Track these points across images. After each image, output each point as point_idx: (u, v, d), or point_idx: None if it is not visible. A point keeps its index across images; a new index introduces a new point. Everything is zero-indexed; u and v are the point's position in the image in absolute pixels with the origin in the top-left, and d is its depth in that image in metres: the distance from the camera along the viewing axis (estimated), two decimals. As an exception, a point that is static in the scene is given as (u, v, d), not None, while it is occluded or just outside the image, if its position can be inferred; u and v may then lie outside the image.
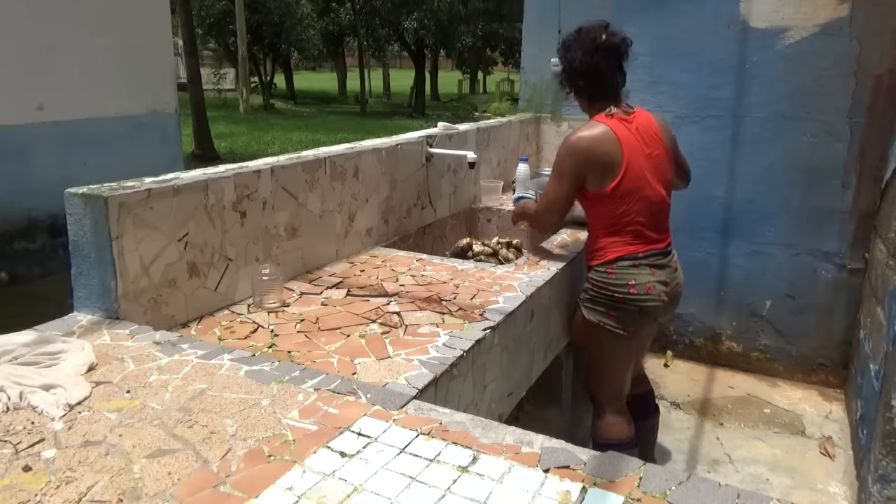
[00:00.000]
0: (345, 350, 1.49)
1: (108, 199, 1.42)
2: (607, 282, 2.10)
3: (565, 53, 2.15)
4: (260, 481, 0.96)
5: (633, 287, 2.07)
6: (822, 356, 3.34)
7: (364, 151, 2.24)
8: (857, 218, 3.14)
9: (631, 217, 2.07)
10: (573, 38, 2.14)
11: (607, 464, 1.02)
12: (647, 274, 2.08)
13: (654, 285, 2.09)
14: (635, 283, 2.07)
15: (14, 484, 0.94)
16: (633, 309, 2.09)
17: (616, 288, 2.08)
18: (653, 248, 2.10)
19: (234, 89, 22.04)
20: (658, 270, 2.11)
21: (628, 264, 2.08)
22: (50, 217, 4.91)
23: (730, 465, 2.74)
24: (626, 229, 2.08)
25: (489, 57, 27.49)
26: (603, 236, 2.12)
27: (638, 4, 3.37)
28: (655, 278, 2.09)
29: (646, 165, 2.08)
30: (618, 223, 2.08)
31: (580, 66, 2.11)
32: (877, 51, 2.97)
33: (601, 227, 2.12)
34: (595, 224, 2.15)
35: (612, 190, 2.04)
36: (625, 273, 2.08)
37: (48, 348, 1.30)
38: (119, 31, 5.32)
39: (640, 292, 2.07)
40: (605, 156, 2.04)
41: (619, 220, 2.08)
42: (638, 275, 2.08)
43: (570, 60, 2.14)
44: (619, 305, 2.10)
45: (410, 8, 22.18)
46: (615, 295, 2.09)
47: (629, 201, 2.06)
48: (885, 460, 2.07)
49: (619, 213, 2.07)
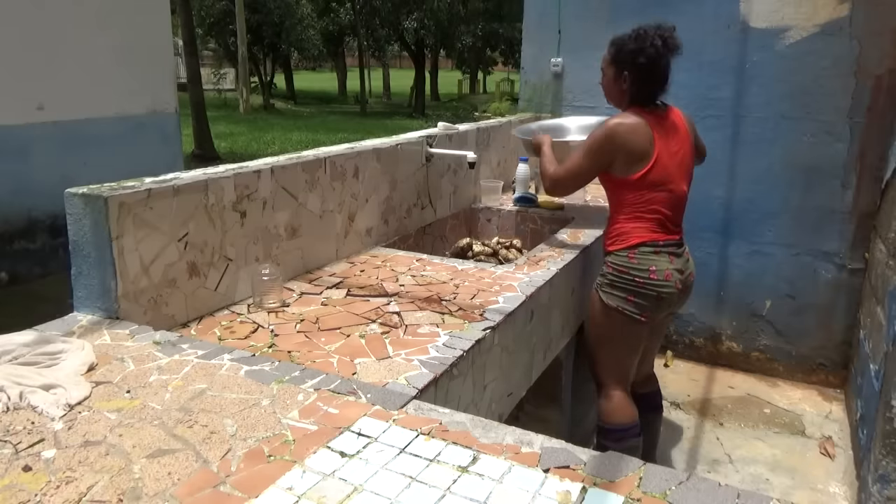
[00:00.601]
0: (345, 350, 1.49)
1: (108, 199, 1.42)
2: (629, 266, 2.15)
3: (636, 43, 2.11)
4: (260, 481, 0.96)
5: (654, 273, 2.13)
6: (822, 356, 3.34)
7: (364, 151, 2.24)
8: (857, 218, 3.14)
9: (655, 206, 2.14)
10: (647, 32, 2.11)
11: (607, 464, 1.02)
12: (666, 261, 2.15)
13: (671, 272, 2.15)
14: (656, 268, 2.13)
15: (14, 484, 0.94)
16: (651, 294, 2.15)
17: (637, 273, 2.14)
18: (671, 239, 2.18)
19: (234, 89, 22.04)
20: (675, 259, 2.18)
21: (650, 250, 2.14)
22: (50, 217, 4.91)
23: (730, 465, 2.74)
24: (648, 217, 2.14)
25: (489, 57, 27.49)
26: (626, 221, 2.17)
27: (637, 4, 3.37)
28: (673, 266, 2.16)
29: (674, 161, 2.15)
30: (641, 210, 2.14)
31: (645, 61, 2.10)
32: (877, 51, 2.97)
33: (625, 212, 2.17)
34: (619, 209, 2.20)
35: (640, 178, 2.11)
36: (646, 259, 2.14)
37: (48, 348, 1.30)
38: (119, 30, 5.32)
39: (659, 278, 2.14)
40: (638, 146, 2.10)
41: (643, 207, 2.14)
42: (658, 261, 2.14)
43: (636, 51, 2.11)
44: (639, 290, 2.15)
45: (410, 8, 22.18)
46: (636, 279, 2.14)
47: (654, 191, 2.13)
48: (885, 460, 2.07)
49: (644, 201, 2.13)
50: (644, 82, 2.13)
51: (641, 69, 2.11)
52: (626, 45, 2.13)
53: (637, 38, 2.12)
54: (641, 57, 2.09)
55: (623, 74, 2.15)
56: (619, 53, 2.16)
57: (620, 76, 2.17)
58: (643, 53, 2.09)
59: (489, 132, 3.16)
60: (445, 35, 23.38)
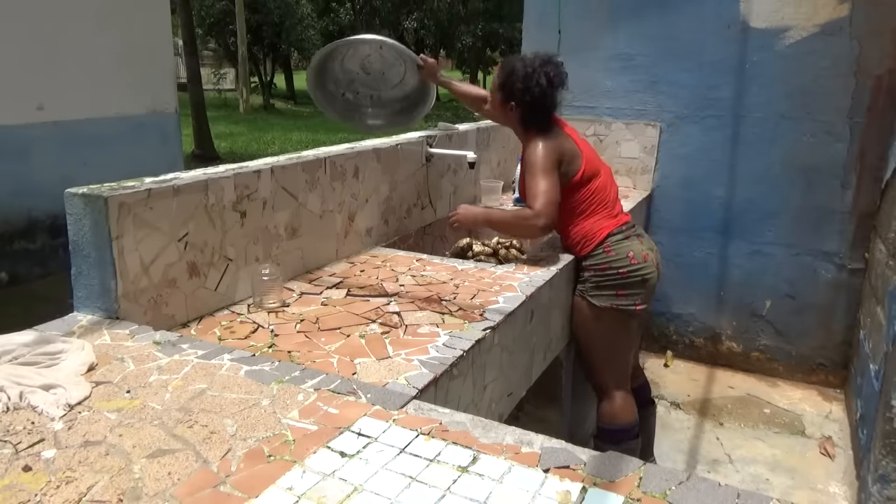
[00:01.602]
0: (345, 350, 1.49)
1: (108, 199, 1.42)
2: (609, 261, 2.20)
3: (524, 83, 2.18)
4: (260, 481, 0.96)
5: (633, 258, 2.20)
6: (822, 356, 3.34)
7: (364, 151, 2.24)
8: (857, 218, 3.14)
9: (598, 196, 2.23)
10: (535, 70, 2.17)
11: (607, 464, 1.02)
12: (637, 244, 2.24)
13: (647, 253, 2.24)
14: (633, 253, 2.20)
15: (14, 484, 0.94)
16: (637, 280, 2.20)
17: (619, 264, 2.19)
18: (627, 221, 2.28)
19: (234, 89, 22.03)
20: (642, 239, 2.27)
21: (620, 237, 2.22)
22: (50, 217, 4.91)
23: (730, 465, 2.74)
24: (600, 209, 2.24)
25: (489, 57, 27.46)
26: (583, 220, 2.24)
27: (637, 4, 3.37)
28: (644, 247, 2.24)
29: (589, 150, 2.28)
30: (591, 204, 2.23)
31: (531, 100, 2.18)
32: (877, 51, 2.97)
33: (576, 213, 2.24)
34: (570, 213, 2.24)
35: (580, 177, 2.20)
36: (620, 247, 2.21)
37: (48, 348, 1.30)
38: (119, 30, 5.32)
39: (639, 261, 2.20)
40: (570, 149, 2.22)
41: (590, 200, 2.23)
42: (631, 245, 2.22)
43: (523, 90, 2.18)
44: (625, 281, 2.19)
45: (410, 8, 22.19)
46: (620, 271, 2.19)
47: (594, 182, 2.23)
48: (885, 460, 2.07)
49: (588, 195, 2.22)
50: (532, 113, 2.22)
51: (526, 106, 2.21)
52: (514, 82, 2.20)
53: (525, 77, 2.18)
54: (527, 95, 2.19)
55: (510, 104, 2.24)
56: (504, 85, 2.24)
57: (507, 105, 2.25)
58: (529, 92, 2.18)
59: (489, 132, 3.16)
60: (445, 35, 23.37)
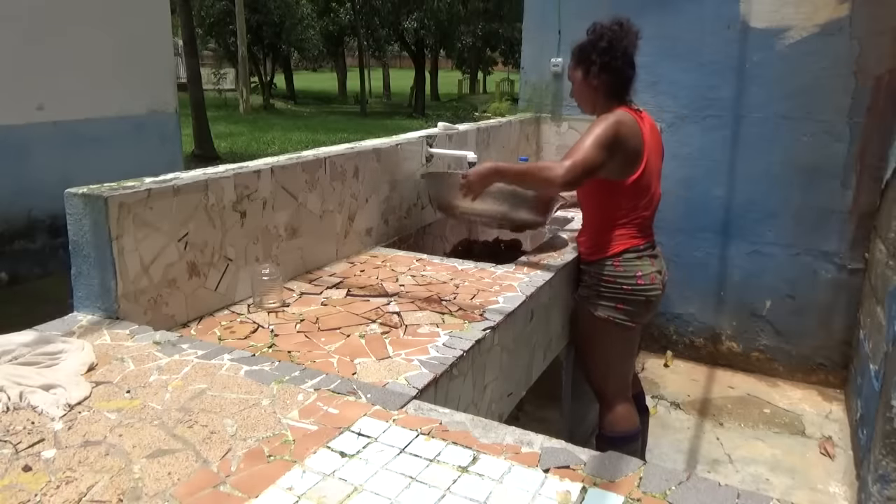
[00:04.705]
0: (345, 350, 1.49)
1: (108, 199, 1.42)
2: (615, 275, 2.13)
3: (594, 34, 2.07)
4: (260, 481, 0.96)
5: (640, 278, 2.12)
6: (822, 356, 3.34)
7: (364, 151, 2.24)
8: (857, 218, 3.14)
9: (639, 211, 2.12)
10: (602, 24, 2.07)
11: (607, 464, 1.02)
12: (649, 265, 2.15)
13: (655, 275, 2.16)
14: (642, 273, 2.12)
15: (14, 484, 0.94)
16: (640, 300, 2.14)
17: (625, 280, 2.13)
18: (649, 241, 2.18)
19: (234, 89, 22.02)
20: (654, 260, 2.18)
21: (633, 256, 2.13)
22: (50, 217, 4.90)
23: (730, 465, 2.74)
24: (633, 222, 2.13)
25: (489, 57, 27.48)
26: (612, 229, 2.13)
27: (637, 4, 3.37)
28: (654, 268, 2.16)
29: (655, 164, 2.14)
30: (628, 216, 2.11)
31: (606, 45, 2.04)
32: (877, 51, 2.97)
33: (611, 219, 2.12)
34: (604, 217, 2.14)
35: (633, 183, 2.07)
36: (631, 265, 2.12)
37: (48, 348, 1.30)
38: (119, 31, 5.32)
39: (646, 283, 2.13)
40: (633, 146, 2.05)
41: (629, 213, 2.11)
42: (642, 266, 2.13)
43: (595, 40, 2.06)
44: (627, 297, 2.14)
45: (410, 8, 22.18)
46: (624, 287, 2.13)
47: (642, 196, 2.11)
48: (885, 460, 2.07)
49: (631, 207, 2.11)
50: (612, 70, 2.06)
51: (604, 54, 2.04)
52: (585, 42, 2.10)
53: (594, 31, 2.08)
54: (602, 42, 2.04)
55: (591, 70, 2.08)
56: (581, 52, 2.11)
57: (588, 73, 2.09)
58: (602, 38, 2.04)
59: (489, 132, 3.16)
60: (445, 35, 23.37)
